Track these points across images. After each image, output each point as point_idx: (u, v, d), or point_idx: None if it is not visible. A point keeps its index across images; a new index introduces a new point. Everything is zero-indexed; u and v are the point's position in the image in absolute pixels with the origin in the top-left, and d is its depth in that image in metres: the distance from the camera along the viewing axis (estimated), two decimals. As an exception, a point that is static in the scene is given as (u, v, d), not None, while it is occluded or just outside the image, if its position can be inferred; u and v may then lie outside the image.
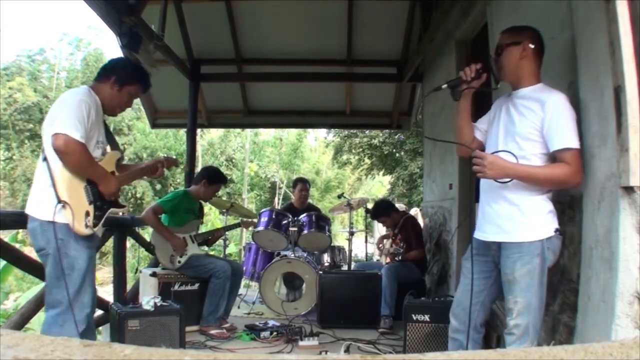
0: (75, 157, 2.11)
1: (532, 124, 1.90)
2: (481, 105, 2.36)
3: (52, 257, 2.12)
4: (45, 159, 2.17)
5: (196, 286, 3.90)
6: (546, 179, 1.86)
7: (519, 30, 2.04)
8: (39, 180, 2.20)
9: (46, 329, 2.13)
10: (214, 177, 4.13)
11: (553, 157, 1.89)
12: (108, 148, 2.42)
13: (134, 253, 8.55)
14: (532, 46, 1.99)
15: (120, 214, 2.71)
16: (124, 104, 2.45)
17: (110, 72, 2.38)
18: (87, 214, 2.20)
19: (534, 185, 1.89)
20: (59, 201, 2.10)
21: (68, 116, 2.10)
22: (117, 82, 2.36)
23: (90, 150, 2.20)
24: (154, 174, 2.70)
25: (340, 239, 11.51)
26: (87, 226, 2.17)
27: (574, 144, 1.81)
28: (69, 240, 2.13)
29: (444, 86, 2.10)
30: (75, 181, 2.18)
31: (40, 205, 2.15)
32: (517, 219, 1.93)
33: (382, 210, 4.73)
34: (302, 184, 5.51)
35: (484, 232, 2.06)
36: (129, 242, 4.71)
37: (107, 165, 2.36)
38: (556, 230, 1.90)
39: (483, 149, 2.11)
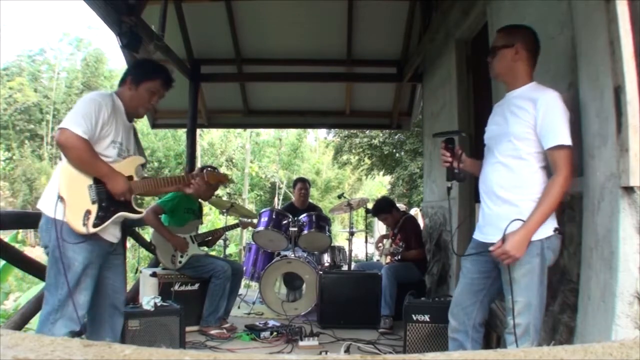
0: (75, 151, 2.10)
1: (526, 123, 1.91)
2: (480, 94, 2.37)
3: (51, 255, 2.12)
4: (61, 157, 2.21)
5: (196, 286, 3.90)
6: (554, 205, 1.85)
7: (512, 31, 2.05)
8: (52, 178, 2.23)
9: (39, 327, 2.14)
10: None
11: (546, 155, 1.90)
12: (132, 154, 2.40)
13: (134, 253, 8.55)
14: (524, 48, 2.00)
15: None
16: (145, 101, 2.40)
17: (126, 75, 2.40)
18: (88, 212, 2.15)
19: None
20: (58, 196, 2.10)
21: (74, 112, 2.11)
22: (133, 81, 2.35)
23: (102, 148, 2.19)
24: (186, 186, 2.51)
25: (340, 239, 11.50)
26: (84, 224, 2.12)
27: (566, 141, 1.81)
28: (68, 240, 2.11)
29: (450, 185, 2.19)
30: (79, 178, 2.16)
31: (46, 201, 2.16)
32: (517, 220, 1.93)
33: (383, 207, 4.73)
34: (302, 183, 5.52)
35: (485, 233, 2.07)
36: (129, 242, 4.71)
37: (125, 168, 2.30)
38: (555, 230, 1.90)
39: None
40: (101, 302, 2.28)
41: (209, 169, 2.65)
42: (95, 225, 2.16)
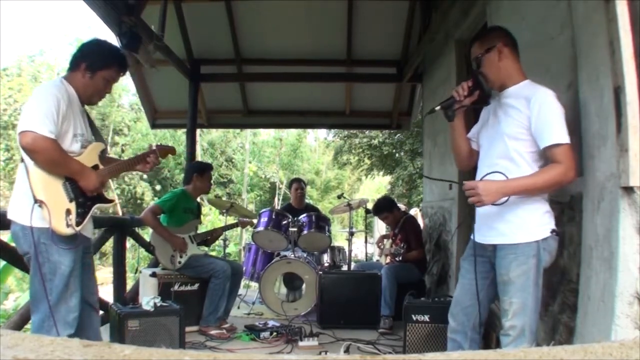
0: (45, 154, 1.96)
1: (519, 122, 1.90)
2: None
3: (33, 261, 2.02)
4: (22, 159, 2.06)
5: (196, 286, 3.90)
6: (543, 186, 1.84)
7: (487, 36, 2.06)
8: (18, 183, 2.10)
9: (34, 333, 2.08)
10: (201, 168, 4.20)
11: (544, 154, 1.87)
12: (93, 141, 2.27)
13: (133, 253, 8.54)
14: (505, 45, 2.00)
15: (111, 210, 2.52)
16: (100, 91, 2.26)
17: (80, 59, 2.19)
18: (68, 212, 2.07)
19: (532, 195, 1.88)
20: (35, 201, 1.98)
21: (34, 112, 1.96)
22: (88, 69, 2.17)
23: (66, 145, 2.08)
24: (144, 166, 2.45)
25: (340, 239, 11.49)
26: (68, 225, 2.04)
27: (564, 139, 1.78)
28: (51, 244, 2.01)
29: (437, 108, 2.07)
30: (51, 178, 2.05)
31: (19, 209, 2.05)
32: (513, 221, 1.92)
33: (384, 206, 4.73)
34: (297, 183, 5.56)
35: (481, 234, 2.06)
36: (129, 242, 4.71)
37: (89, 158, 2.20)
38: (552, 231, 1.89)
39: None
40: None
41: (160, 144, 2.59)
42: (77, 224, 2.10)
